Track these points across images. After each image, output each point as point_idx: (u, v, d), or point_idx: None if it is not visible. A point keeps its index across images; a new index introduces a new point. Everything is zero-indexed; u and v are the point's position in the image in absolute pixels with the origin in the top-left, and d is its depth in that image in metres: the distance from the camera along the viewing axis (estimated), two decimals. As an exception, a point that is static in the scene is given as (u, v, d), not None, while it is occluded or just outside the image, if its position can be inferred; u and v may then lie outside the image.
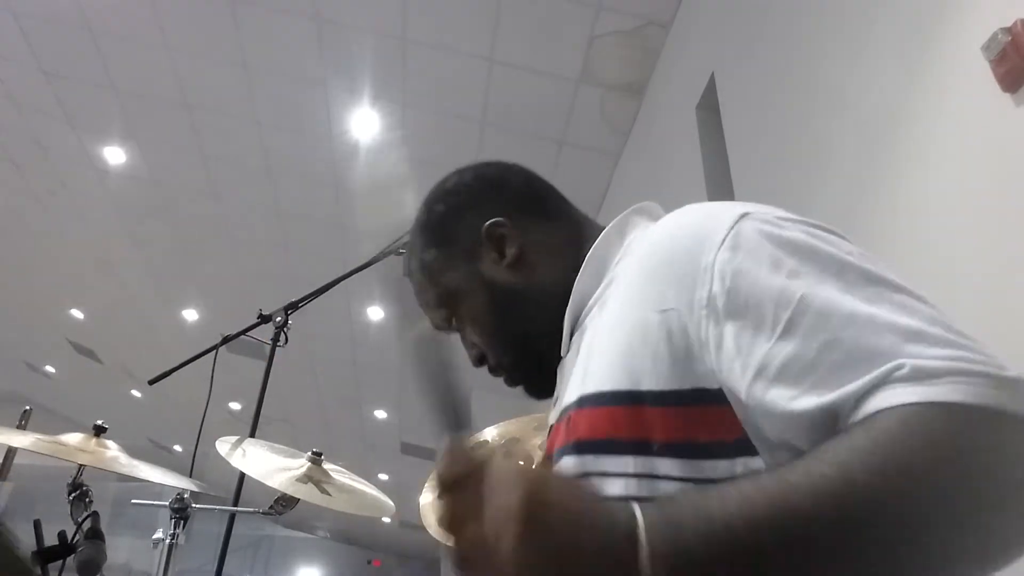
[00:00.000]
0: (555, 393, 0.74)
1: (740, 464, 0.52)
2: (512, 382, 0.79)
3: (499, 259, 0.75)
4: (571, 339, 0.72)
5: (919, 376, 0.43)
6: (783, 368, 0.48)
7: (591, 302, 0.70)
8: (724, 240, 0.54)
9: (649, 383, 0.55)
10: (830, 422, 0.46)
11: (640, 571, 0.40)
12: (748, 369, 0.50)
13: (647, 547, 0.41)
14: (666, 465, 0.54)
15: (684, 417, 0.54)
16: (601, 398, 0.58)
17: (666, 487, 0.53)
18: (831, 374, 0.46)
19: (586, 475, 0.57)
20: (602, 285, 0.70)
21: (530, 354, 0.77)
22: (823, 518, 0.40)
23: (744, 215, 0.56)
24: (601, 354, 0.61)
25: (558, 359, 0.75)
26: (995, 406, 0.41)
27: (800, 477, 0.42)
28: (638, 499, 0.47)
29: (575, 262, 0.72)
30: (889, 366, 0.44)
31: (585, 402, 0.60)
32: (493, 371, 0.80)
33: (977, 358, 0.44)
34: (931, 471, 0.41)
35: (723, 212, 0.58)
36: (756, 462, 0.52)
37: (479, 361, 0.80)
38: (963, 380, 0.42)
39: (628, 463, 0.55)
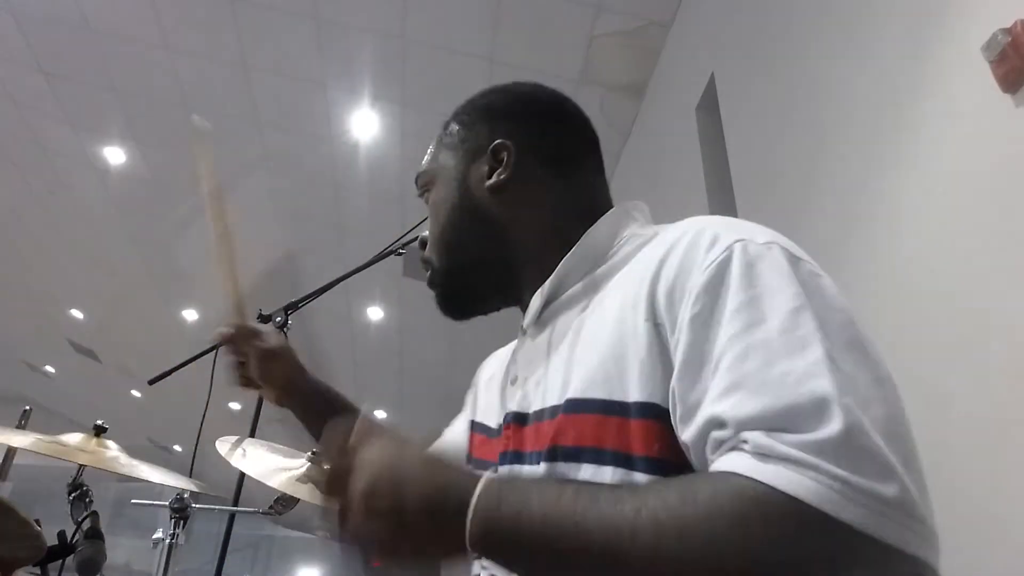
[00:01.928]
0: (513, 373, 0.72)
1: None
2: (431, 284, 0.79)
3: (486, 176, 0.74)
4: (540, 314, 0.70)
5: (763, 454, 0.43)
6: (696, 405, 0.50)
7: (573, 287, 0.68)
8: (712, 263, 0.53)
9: (638, 394, 0.54)
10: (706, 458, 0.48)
11: (464, 533, 0.47)
12: (688, 399, 0.51)
13: (472, 512, 0.47)
14: (641, 480, 0.53)
15: (662, 433, 0.53)
16: (589, 405, 0.57)
17: None
18: (712, 416, 0.47)
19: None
20: (587, 275, 0.68)
21: (461, 275, 0.76)
22: (592, 549, 0.44)
23: (739, 240, 0.54)
24: (591, 357, 0.60)
25: (488, 300, 0.77)
26: (833, 514, 0.39)
27: (609, 502, 0.45)
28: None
29: (558, 231, 0.71)
30: (745, 436, 0.44)
31: (572, 407, 0.59)
32: (424, 262, 0.80)
33: (848, 457, 0.41)
34: (715, 555, 0.41)
35: (723, 234, 0.56)
36: None
37: (422, 246, 0.81)
38: (808, 471, 0.41)
39: (606, 474, 0.54)
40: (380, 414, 7.19)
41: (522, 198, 0.73)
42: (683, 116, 2.59)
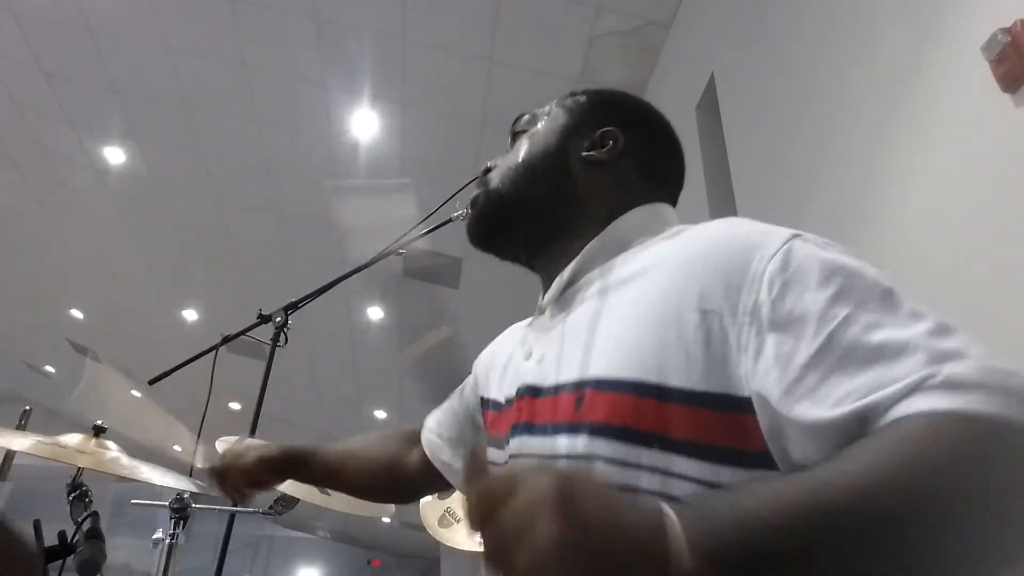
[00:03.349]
0: (528, 348, 0.73)
1: (758, 476, 0.52)
2: (474, 201, 0.82)
3: (583, 146, 0.78)
4: (561, 294, 0.72)
5: (951, 385, 0.44)
6: (821, 380, 0.49)
7: (593, 271, 0.71)
8: (776, 252, 0.55)
9: (678, 380, 0.55)
10: (860, 429, 0.46)
11: (671, 563, 0.39)
12: (784, 378, 0.50)
13: (682, 537, 0.40)
14: (682, 464, 0.54)
15: (708, 420, 0.54)
16: (622, 385, 0.58)
17: (679, 485, 0.54)
18: (865, 385, 0.47)
19: (592, 458, 0.57)
20: (609, 262, 0.70)
21: (510, 204, 0.79)
22: (855, 512, 0.40)
23: (796, 235, 0.57)
24: (623, 339, 0.60)
25: (514, 242, 0.80)
26: (1020, 421, 0.42)
27: (831, 474, 0.42)
28: (661, 495, 0.49)
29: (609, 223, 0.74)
30: (922, 374, 0.45)
31: (602, 384, 0.59)
32: (480, 182, 0.83)
33: (1011, 376, 0.44)
34: (960, 476, 0.41)
35: (776, 229, 0.59)
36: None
37: (485, 172, 0.84)
38: (994, 393, 0.43)
39: (642, 454, 0.55)
40: (380, 414, 7.19)
41: (604, 182, 0.76)
42: (683, 116, 2.59)
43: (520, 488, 0.41)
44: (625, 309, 0.63)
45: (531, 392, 0.68)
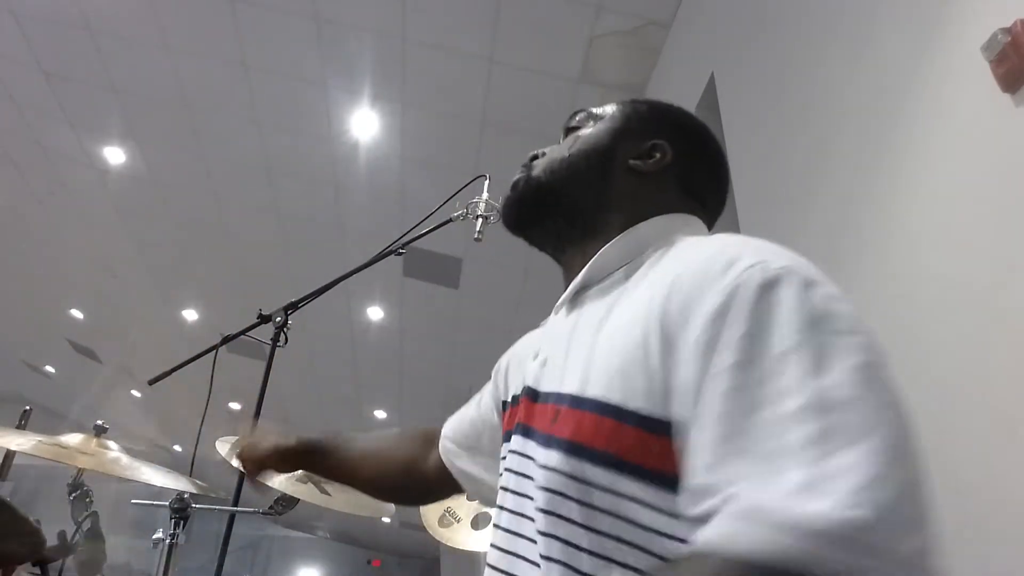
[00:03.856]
0: (537, 349, 0.74)
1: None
2: (515, 184, 0.82)
3: (631, 153, 0.78)
4: (575, 296, 0.73)
5: (736, 519, 0.43)
6: (691, 451, 0.50)
7: (608, 279, 0.71)
8: (724, 288, 0.53)
9: (636, 404, 0.55)
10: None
11: None
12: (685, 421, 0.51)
13: None
14: (631, 487, 0.54)
15: (661, 447, 0.53)
16: (587, 404, 0.59)
17: (629, 507, 0.54)
18: (701, 488, 0.47)
19: (559, 473, 0.58)
20: (622, 270, 0.70)
21: (547, 192, 0.80)
22: None
23: (751, 265, 0.53)
24: (605, 357, 0.61)
25: (546, 231, 0.80)
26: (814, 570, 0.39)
27: None
28: (614, 515, 0.53)
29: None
30: (724, 496, 0.45)
31: (581, 403, 0.60)
32: (525, 166, 0.84)
33: (812, 509, 0.40)
34: None
35: (740, 259, 0.55)
36: None
37: (532, 159, 0.84)
38: (777, 531, 0.40)
39: (597, 474, 0.56)
40: (380, 414, 7.19)
41: (642, 192, 0.77)
42: (683, 116, 2.59)
43: None
44: (614, 327, 0.63)
45: (530, 395, 0.69)
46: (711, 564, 0.42)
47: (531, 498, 0.62)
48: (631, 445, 0.55)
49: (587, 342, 0.65)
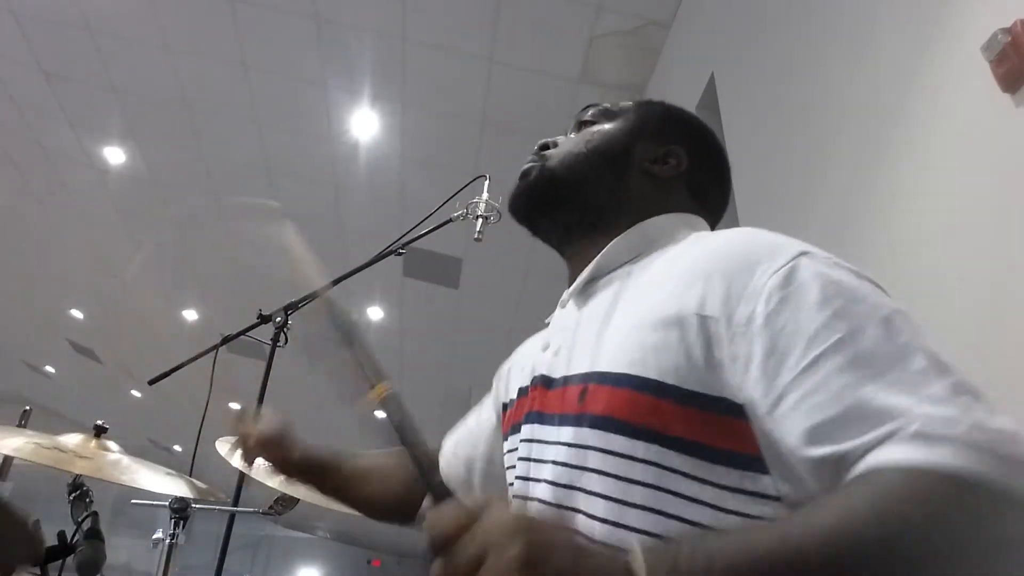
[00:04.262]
0: (547, 340, 0.75)
1: (748, 479, 0.54)
2: (525, 173, 0.82)
3: (647, 156, 0.79)
4: (583, 288, 0.74)
5: (923, 438, 0.44)
6: (797, 404, 0.50)
7: (617, 271, 0.72)
8: (781, 268, 0.56)
9: (676, 380, 0.56)
10: (834, 467, 0.48)
11: None
12: (769, 395, 0.52)
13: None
14: (675, 459, 0.55)
15: (703, 420, 0.55)
16: (623, 379, 0.59)
17: (672, 479, 0.55)
18: (843, 423, 0.48)
19: (591, 449, 0.59)
20: (631, 262, 0.72)
21: (558, 185, 0.80)
22: (822, 564, 0.42)
23: (804, 252, 0.58)
24: (627, 337, 0.62)
25: (553, 223, 0.81)
26: (989, 479, 0.42)
27: (800, 527, 0.44)
28: (656, 488, 0.53)
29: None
30: (897, 423, 0.45)
31: (605, 379, 0.61)
32: (539, 151, 0.84)
33: (986, 431, 0.44)
34: (926, 533, 0.42)
35: (786, 243, 0.59)
36: (765, 480, 0.54)
37: (543, 148, 0.84)
38: (964, 449, 0.43)
39: (637, 448, 0.57)
40: (380, 414, 7.19)
41: (654, 195, 0.78)
42: (683, 116, 2.59)
43: (490, 542, 0.43)
44: (635, 308, 0.64)
45: (544, 382, 0.70)
46: (906, 480, 0.43)
47: (553, 483, 0.62)
48: (673, 419, 0.56)
49: (597, 328, 0.66)
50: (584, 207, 0.79)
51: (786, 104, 1.93)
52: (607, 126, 0.82)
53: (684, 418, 0.55)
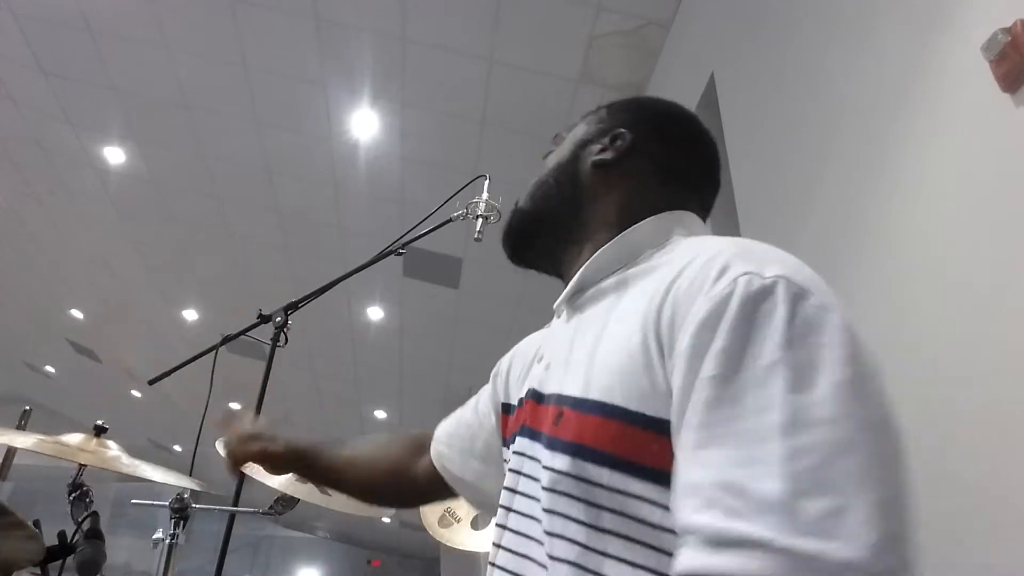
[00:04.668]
0: (541, 352, 0.76)
1: None
2: (509, 219, 0.86)
3: (595, 151, 0.79)
4: (573, 298, 0.74)
5: (717, 543, 0.44)
6: (676, 461, 0.51)
7: (607, 280, 0.71)
8: (714, 296, 0.53)
9: (639, 406, 0.56)
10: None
11: None
12: (676, 442, 0.52)
13: None
14: (640, 487, 0.55)
15: (668, 448, 0.54)
16: (593, 407, 0.59)
17: (637, 506, 0.55)
18: (683, 495, 0.48)
19: (563, 474, 0.59)
20: (621, 271, 0.70)
21: (531, 220, 0.82)
22: None
23: (745, 273, 0.53)
24: (606, 360, 0.61)
25: (541, 255, 0.82)
26: None
27: None
28: (621, 514, 0.54)
29: (624, 224, 0.74)
30: (692, 521, 0.46)
31: (583, 406, 0.60)
32: (516, 202, 0.86)
33: (785, 530, 0.41)
34: None
35: (735, 263, 0.55)
36: None
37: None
38: (750, 554, 0.42)
39: (603, 475, 0.56)
40: (380, 414, 7.19)
41: (614, 182, 0.78)
42: (683, 116, 2.58)
43: None
44: (613, 331, 0.64)
45: (535, 397, 0.70)
46: None
47: (538, 500, 0.62)
48: (637, 446, 0.55)
49: (588, 345, 0.65)
50: (557, 226, 0.80)
51: (786, 104, 1.93)
52: (558, 147, 0.85)
53: (646, 445, 0.55)
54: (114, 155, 4.38)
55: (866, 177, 1.51)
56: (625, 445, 0.56)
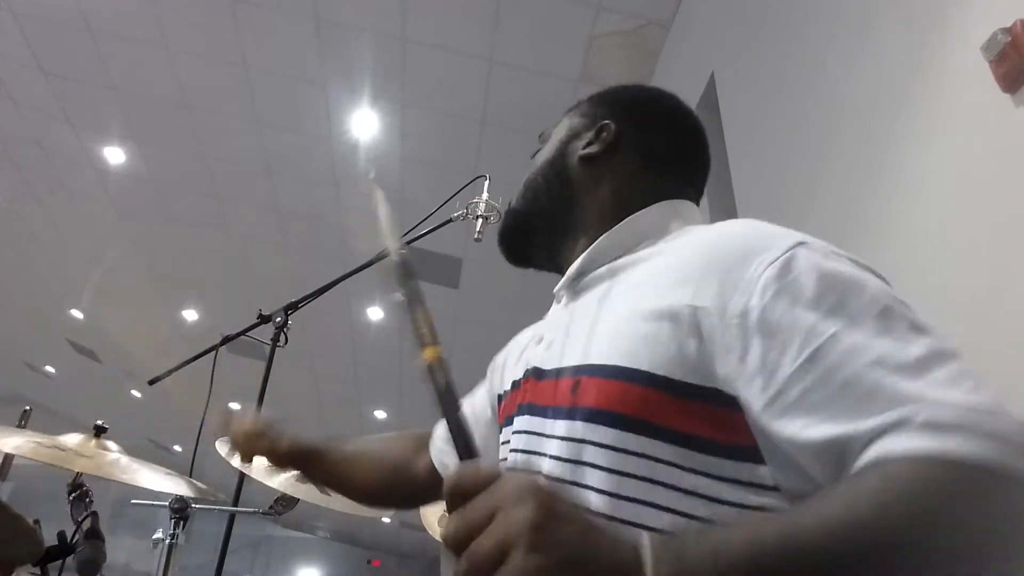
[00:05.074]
0: (540, 334, 0.76)
1: (745, 469, 0.53)
2: (503, 219, 0.87)
3: (580, 145, 0.80)
4: (574, 282, 0.75)
5: (933, 426, 0.44)
6: (801, 396, 0.49)
7: (609, 264, 0.72)
8: (776, 260, 0.55)
9: (667, 371, 0.56)
10: (839, 454, 0.47)
11: None
12: (768, 389, 0.51)
13: (652, 565, 0.41)
14: (668, 451, 0.55)
15: (695, 411, 0.55)
16: (614, 372, 0.59)
17: (665, 471, 0.55)
18: (848, 409, 0.47)
19: (583, 442, 0.59)
20: (624, 255, 0.71)
21: (525, 218, 0.83)
22: (832, 554, 0.41)
23: (801, 243, 0.57)
24: (619, 330, 0.62)
25: (538, 251, 0.83)
26: (1002, 466, 0.42)
27: (810, 517, 0.43)
28: (648, 480, 0.53)
29: (617, 214, 0.75)
30: (904, 411, 0.45)
31: (597, 371, 0.61)
32: (509, 203, 0.88)
33: (994, 417, 0.44)
34: (934, 523, 0.42)
35: (781, 234, 0.59)
36: (762, 470, 0.53)
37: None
38: (975, 436, 0.43)
39: (629, 440, 0.56)
40: (380, 414, 7.19)
41: (603, 175, 0.79)
42: (683, 116, 2.58)
43: (503, 501, 0.42)
44: (626, 302, 0.64)
45: (536, 374, 0.70)
46: (917, 470, 0.43)
47: (547, 475, 0.62)
48: (664, 410, 0.55)
49: (589, 322, 0.66)
50: (550, 223, 0.81)
51: (786, 103, 1.93)
52: (545, 144, 0.86)
53: (676, 409, 0.55)
54: (114, 155, 4.38)
55: (866, 177, 1.51)
56: (652, 409, 0.56)
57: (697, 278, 0.58)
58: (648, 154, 0.79)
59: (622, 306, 0.64)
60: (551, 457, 0.62)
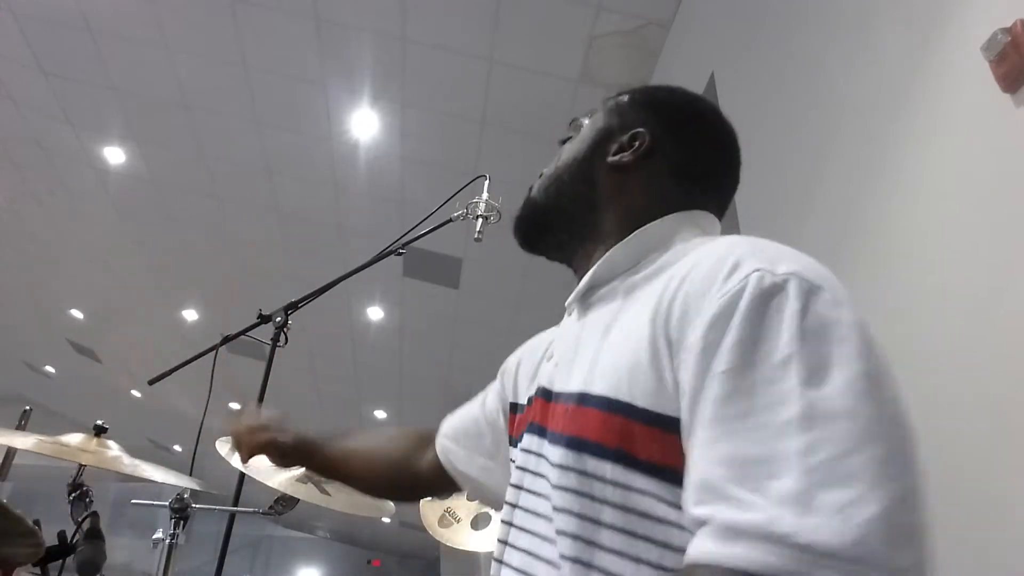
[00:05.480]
0: (551, 350, 0.75)
1: None
2: (524, 205, 0.84)
3: (615, 151, 0.77)
4: (585, 296, 0.74)
5: (728, 531, 0.44)
6: (690, 453, 0.51)
7: (618, 280, 0.71)
8: (727, 292, 0.53)
9: (645, 402, 0.56)
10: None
11: None
12: (687, 434, 0.52)
13: None
14: (643, 482, 0.55)
15: (672, 443, 0.54)
16: (599, 402, 0.59)
17: (639, 500, 0.55)
18: (698, 489, 0.48)
19: (568, 469, 0.59)
20: (633, 271, 0.70)
21: (543, 212, 0.82)
22: None
23: (757, 270, 0.53)
24: (613, 356, 0.62)
25: (552, 247, 0.82)
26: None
27: None
28: (623, 508, 0.54)
29: (639, 226, 0.74)
30: (712, 509, 0.45)
31: (587, 400, 0.61)
32: (530, 187, 0.86)
33: (809, 518, 0.41)
34: None
35: (747, 260, 0.55)
36: None
37: (540, 177, 0.86)
38: (765, 543, 0.42)
39: (606, 469, 0.56)
40: (380, 414, 7.19)
41: (630, 185, 0.76)
42: (683, 116, 2.58)
43: None
44: (623, 327, 0.64)
45: (544, 395, 0.70)
46: None
47: (548, 497, 0.62)
48: (642, 441, 0.55)
49: (595, 343, 0.66)
50: (570, 224, 0.79)
51: (786, 104, 1.93)
52: (577, 136, 0.83)
53: (651, 440, 0.55)
54: (114, 155, 4.38)
55: (866, 177, 1.51)
56: (632, 440, 0.56)
57: (676, 305, 0.57)
58: (679, 168, 0.76)
59: (620, 332, 0.64)
60: (544, 478, 0.63)
